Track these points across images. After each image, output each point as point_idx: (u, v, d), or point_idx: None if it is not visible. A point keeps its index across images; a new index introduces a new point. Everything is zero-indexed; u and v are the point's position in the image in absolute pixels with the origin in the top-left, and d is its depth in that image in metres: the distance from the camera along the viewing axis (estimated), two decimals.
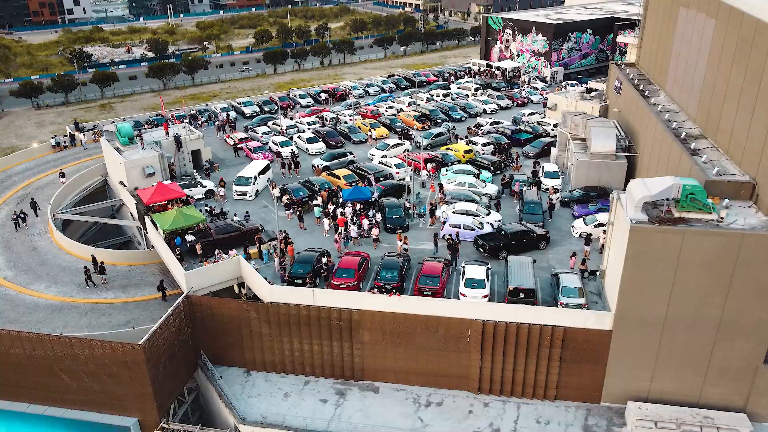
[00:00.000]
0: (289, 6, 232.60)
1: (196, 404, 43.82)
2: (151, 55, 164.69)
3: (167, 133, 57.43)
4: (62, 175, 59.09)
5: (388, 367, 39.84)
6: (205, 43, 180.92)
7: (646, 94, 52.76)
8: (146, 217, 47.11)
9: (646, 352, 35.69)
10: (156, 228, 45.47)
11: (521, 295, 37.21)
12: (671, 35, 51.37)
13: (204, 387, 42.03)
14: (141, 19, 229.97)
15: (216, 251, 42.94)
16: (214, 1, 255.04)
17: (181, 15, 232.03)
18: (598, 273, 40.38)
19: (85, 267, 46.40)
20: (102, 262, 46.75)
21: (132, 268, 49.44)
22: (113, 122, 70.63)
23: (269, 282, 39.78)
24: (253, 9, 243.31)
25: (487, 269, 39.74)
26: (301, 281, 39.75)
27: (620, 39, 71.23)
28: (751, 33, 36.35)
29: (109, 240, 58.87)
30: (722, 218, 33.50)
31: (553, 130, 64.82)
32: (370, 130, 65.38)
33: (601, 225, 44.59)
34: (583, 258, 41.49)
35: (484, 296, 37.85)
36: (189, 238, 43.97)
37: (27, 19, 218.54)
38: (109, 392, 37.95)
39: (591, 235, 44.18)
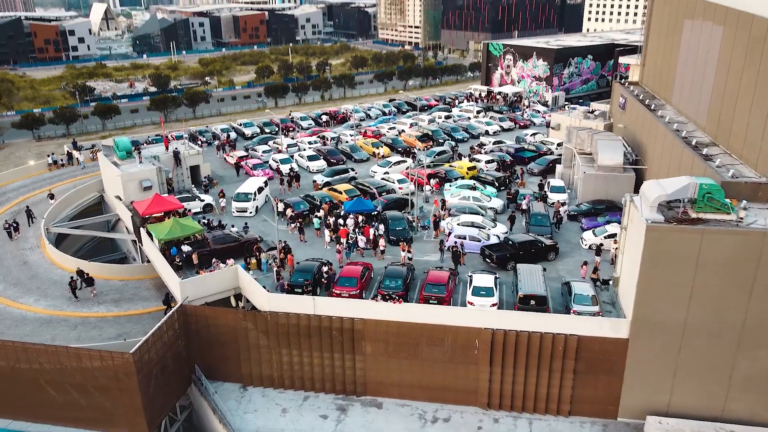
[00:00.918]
0: (290, 44, 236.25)
1: (188, 423, 41.53)
2: (153, 89, 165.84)
3: (167, 148, 56.51)
4: (51, 196, 56.80)
5: (391, 381, 37.76)
6: (207, 78, 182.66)
7: (652, 107, 52.16)
8: (141, 229, 45.64)
9: (664, 362, 33.78)
10: (151, 238, 43.96)
11: (532, 302, 35.51)
12: (676, 48, 51.08)
13: (197, 404, 39.77)
14: (144, 56, 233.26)
15: (213, 260, 41.31)
16: (216, 39, 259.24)
17: (183, 52, 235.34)
18: (611, 282, 38.74)
19: (71, 278, 44.65)
20: (88, 274, 45.03)
21: (125, 282, 47.77)
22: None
23: (267, 290, 38.06)
24: (255, 47, 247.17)
25: (495, 278, 38.17)
26: (300, 290, 38.08)
27: (622, 60, 71.31)
28: (762, 34, 35.79)
29: (104, 256, 57.26)
30: (741, 219, 32.15)
31: (557, 148, 64.04)
32: (379, 149, 64.66)
33: (611, 236, 43.24)
34: (594, 267, 39.92)
35: (493, 305, 36.16)
36: (185, 248, 42.40)
37: (32, 56, 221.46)
38: (96, 406, 35.78)
39: (602, 245, 42.70)
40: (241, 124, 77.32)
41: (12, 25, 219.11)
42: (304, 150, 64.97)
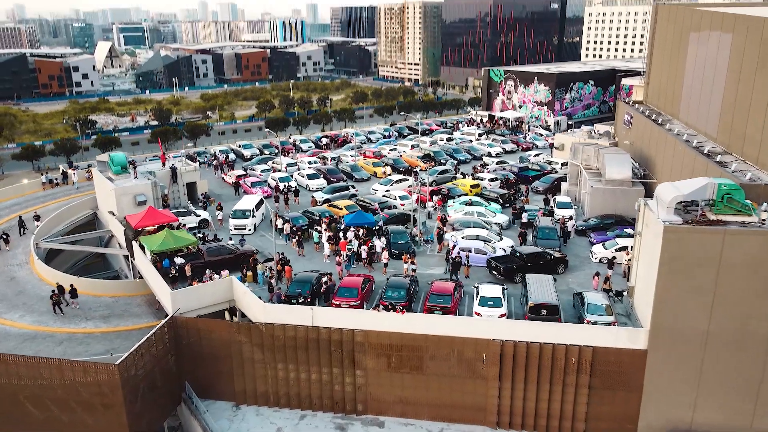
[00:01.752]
0: (292, 81, 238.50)
1: None
2: (154, 122, 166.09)
3: (163, 164, 55.24)
4: (37, 218, 54.41)
5: (394, 398, 35.47)
6: (209, 112, 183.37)
7: (659, 122, 51.20)
8: (134, 242, 43.91)
9: (686, 375, 31.62)
10: (143, 251, 42.20)
11: (543, 311, 33.55)
12: (682, 63, 50.42)
13: (187, 424, 37.31)
14: (147, 91, 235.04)
15: (207, 271, 39.43)
16: (218, 75, 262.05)
17: (186, 88, 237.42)
18: (625, 293, 36.78)
19: (52, 291, 42.73)
20: (71, 285, 43.12)
21: (116, 299, 45.73)
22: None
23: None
24: (257, 83, 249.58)
25: (503, 289, 36.28)
26: (296, 301, 36.10)
27: (625, 81, 70.89)
28: None
29: (96, 273, 55.16)
30: (764, 220, 30.52)
31: (561, 168, 62.87)
32: (385, 167, 63.49)
33: (622, 249, 41.53)
34: (605, 278, 38.05)
35: (501, 315, 34.18)
36: (178, 260, 40.54)
37: (35, 91, 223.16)
38: (78, 423, 33.49)
39: (614, 258, 40.95)
40: (240, 146, 76.35)
41: (17, 61, 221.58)
42: (304, 169, 63.69)
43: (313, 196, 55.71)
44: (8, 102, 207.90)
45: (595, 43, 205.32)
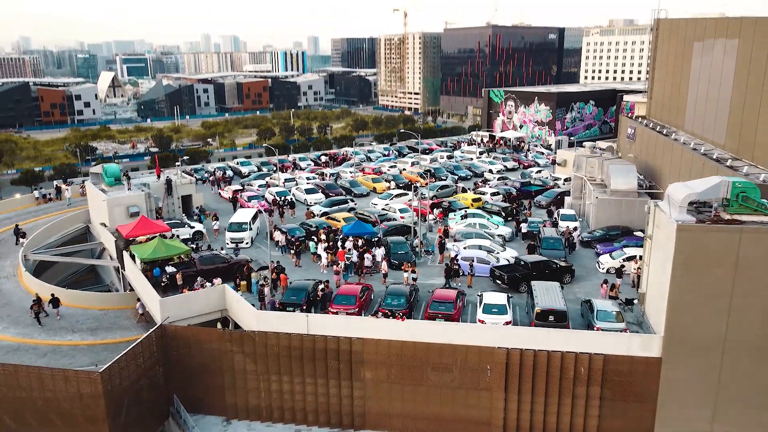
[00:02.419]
0: (293, 110, 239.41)
1: None
2: (155, 149, 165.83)
3: (158, 177, 54.12)
4: (23, 235, 52.91)
5: (394, 412, 33.56)
6: (209, 140, 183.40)
7: (664, 133, 50.28)
8: (124, 252, 42.44)
9: (703, 384, 29.89)
10: (134, 260, 40.71)
11: (551, 318, 31.92)
12: (686, 74, 49.76)
13: None
14: (148, 120, 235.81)
15: (198, 279, 37.86)
16: (219, 104, 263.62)
17: (187, 117, 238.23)
18: (635, 301, 35.15)
19: (33, 301, 41.17)
20: (53, 295, 41.52)
21: (105, 312, 44.03)
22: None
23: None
24: (258, 112, 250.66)
25: (508, 297, 34.74)
26: (293, 309, 34.47)
27: (627, 98, 70.37)
28: None
29: (88, 287, 53.51)
30: None
31: (564, 183, 61.76)
32: (390, 182, 62.48)
33: (630, 258, 40.05)
34: (612, 284, 36.48)
35: (507, 323, 32.55)
36: (169, 269, 39.02)
37: (37, 119, 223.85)
38: None
39: (623, 266, 39.45)
40: (238, 163, 75.43)
41: (19, 90, 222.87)
42: (302, 184, 62.51)
43: (309, 208, 54.42)
44: (10, 129, 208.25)
45: (594, 71, 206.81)
